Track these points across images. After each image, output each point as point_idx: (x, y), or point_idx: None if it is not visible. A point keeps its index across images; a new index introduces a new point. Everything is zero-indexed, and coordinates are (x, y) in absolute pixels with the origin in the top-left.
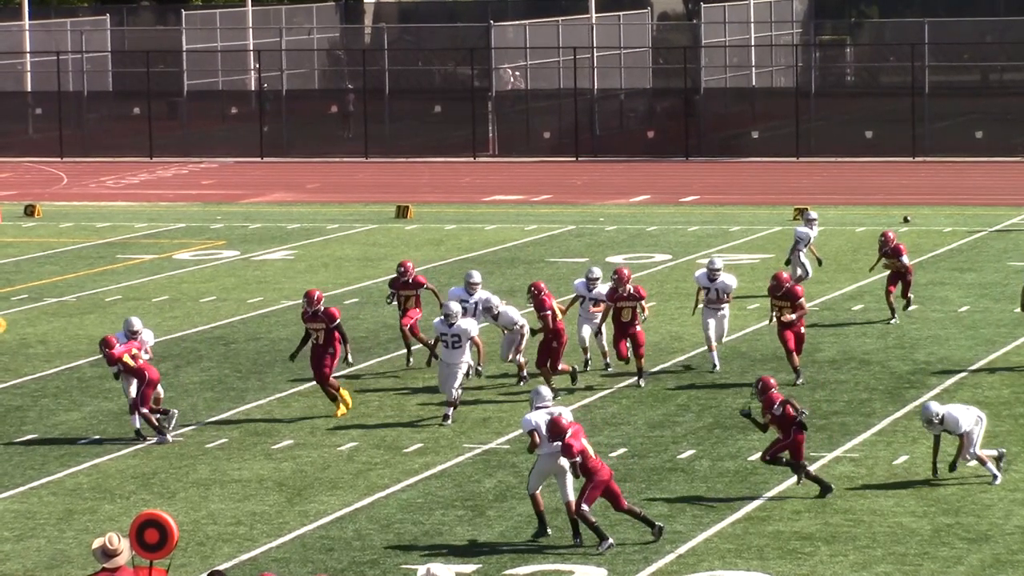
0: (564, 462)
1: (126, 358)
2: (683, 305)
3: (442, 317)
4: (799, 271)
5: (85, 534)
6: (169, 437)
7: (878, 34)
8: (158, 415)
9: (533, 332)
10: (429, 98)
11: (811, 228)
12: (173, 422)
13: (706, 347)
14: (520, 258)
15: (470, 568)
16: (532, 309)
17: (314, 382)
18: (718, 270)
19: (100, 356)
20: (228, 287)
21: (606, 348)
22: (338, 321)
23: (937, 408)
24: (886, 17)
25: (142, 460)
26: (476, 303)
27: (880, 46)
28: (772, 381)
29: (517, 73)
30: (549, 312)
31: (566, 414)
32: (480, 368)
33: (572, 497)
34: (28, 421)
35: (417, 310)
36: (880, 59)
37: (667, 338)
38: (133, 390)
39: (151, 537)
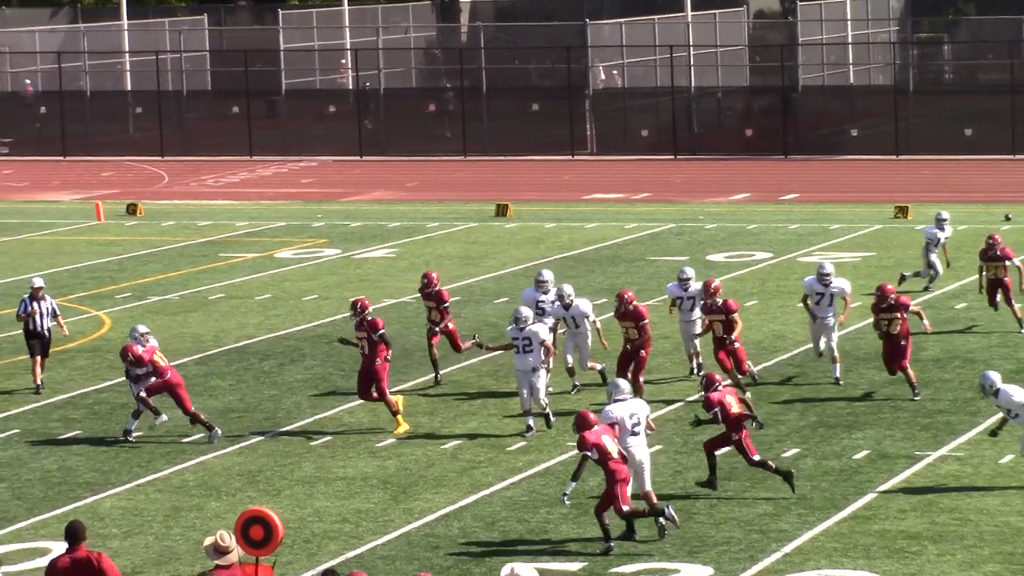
0: (645, 456)
1: (156, 356)
2: (785, 303)
3: (513, 322)
4: (930, 271)
5: (192, 531)
6: (164, 417)
7: (976, 31)
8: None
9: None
10: (526, 96)
11: (942, 229)
12: (158, 421)
13: (815, 355)
14: (620, 256)
15: (576, 566)
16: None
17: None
18: (828, 274)
19: (202, 355)
20: (330, 285)
21: (698, 349)
22: (381, 331)
23: (995, 380)
24: (984, 14)
25: (248, 457)
26: (553, 302)
27: (978, 43)
28: (717, 377)
29: (614, 72)
30: (647, 321)
31: (642, 408)
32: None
33: (650, 487)
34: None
35: (450, 324)
36: (978, 56)
37: (769, 336)
38: (141, 385)
39: (256, 533)
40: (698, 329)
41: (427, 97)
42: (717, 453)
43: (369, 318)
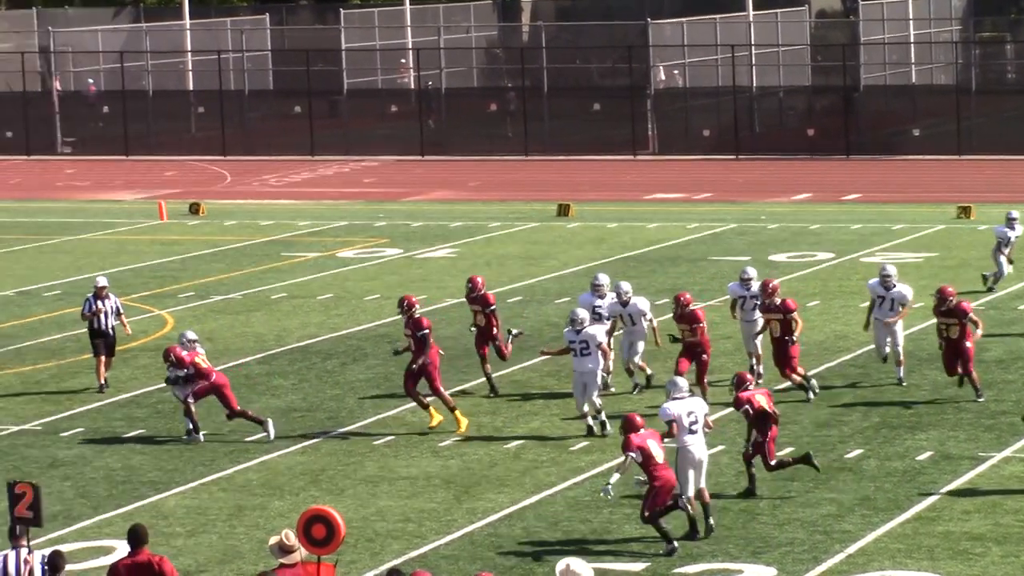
0: (703, 454)
1: (198, 359)
2: (847, 304)
3: (570, 324)
4: (997, 270)
5: (256, 530)
6: (200, 437)
7: None
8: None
9: (675, 339)
10: (588, 96)
11: (1012, 228)
12: (190, 438)
13: (879, 357)
14: (683, 256)
15: (639, 567)
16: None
17: (482, 379)
18: (889, 277)
19: (264, 354)
20: (392, 285)
21: (760, 351)
22: (423, 331)
23: None
24: None
25: (311, 457)
26: (607, 311)
27: None
28: (748, 377)
29: (675, 71)
30: (703, 324)
31: (699, 406)
32: (608, 375)
33: (704, 484)
34: (198, 418)
35: (495, 329)
36: None
37: (831, 337)
38: (188, 388)
39: (318, 532)
40: (759, 328)
41: (488, 97)
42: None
43: (415, 315)
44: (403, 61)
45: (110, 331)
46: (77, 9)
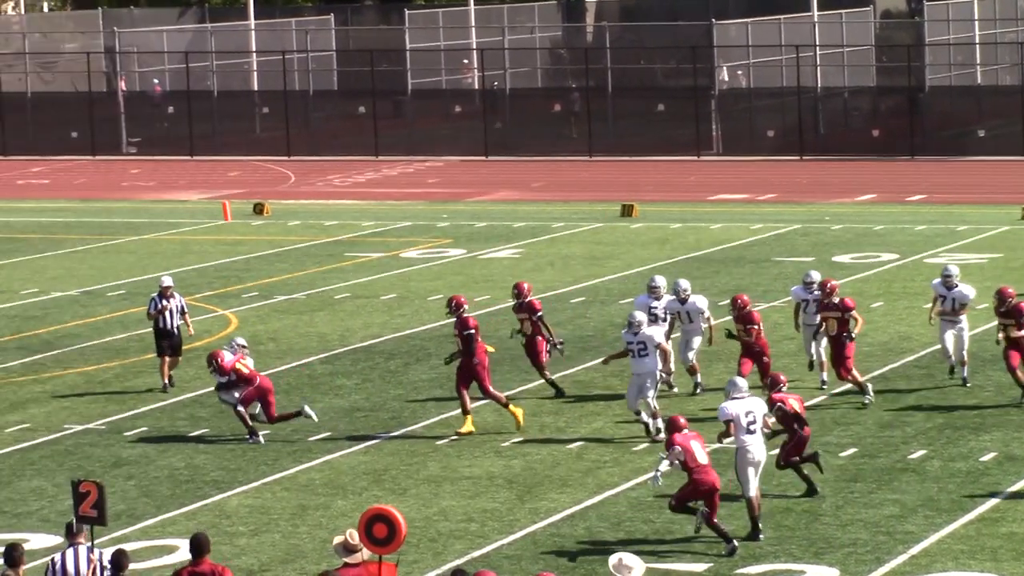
0: (762, 455)
1: (239, 365)
2: (911, 305)
3: (627, 327)
4: None
5: (318, 529)
6: (261, 438)
7: None
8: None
9: (730, 335)
10: (652, 96)
11: None
12: (252, 440)
13: (944, 359)
14: (746, 257)
15: (702, 567)
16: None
17: (538, 381)
18: (950, 276)
19: (328, 354)
20: (455, 285)
21: (823, 359)
22: (468, 331)
23: None
24: None
25: (373, 456)
26: (665, 308)
27: None
28: (782, 378)
29: (739, 72)
30: (758, 326)
31: (758, 406)
32: (669, 374)
33: (759, 490)
34: (260, 417)
35: (540, 338)
36: None
37: (895, 338)
38: (237, 394)
39: (379, 532)
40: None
41: (552, 97)
42: (799, 463)
43: (463, 315)
44: (465, 61)
45: (175, 331)
46: (142, 9)
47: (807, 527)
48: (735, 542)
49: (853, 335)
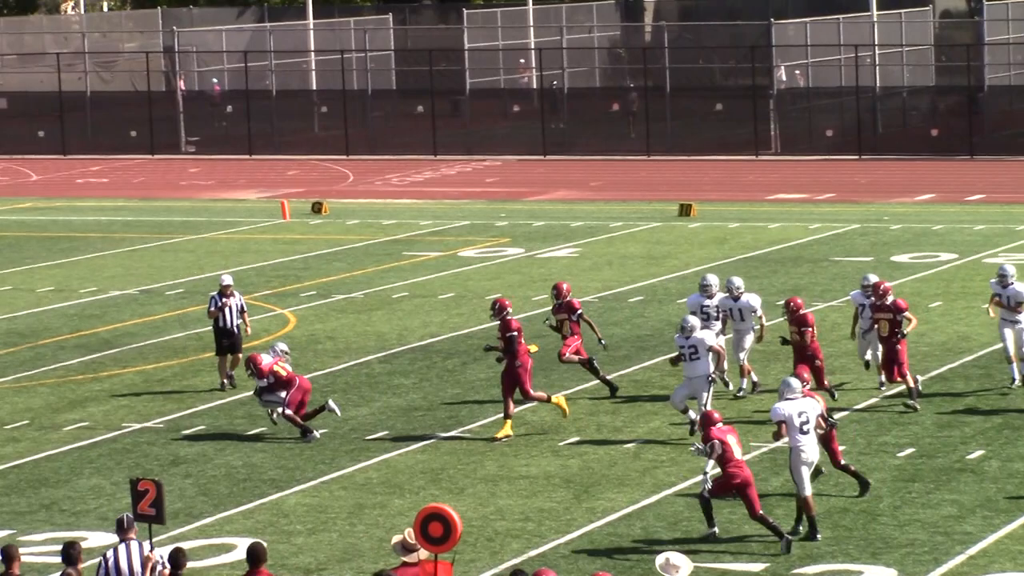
0: (815, 455)
1: (276, 368)
2: (970, 305)
3: (679, 331)
4: None
5: (376, 528)
6: (317, 434)
7: None
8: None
9: (785, 341)
10: (710, 96)
11: None
12: (310, 438)
13: (1005, 359)
14: (804, 257)
15: (759, 567)
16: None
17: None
18: (1005, 275)
19: (385, 353)
20: (513, 284)
21: (879, 361)
22: (510, 333)
23: None
24: None
25: (431, 456)
26: (716, 307)
27: None
28: (805, 376)
29: (797, 71)
30: (812, 329)
31: (812, 407)
32: (723, 374)
33: (810, 492)
34: (318, 416)
35: (575, 337)
36: None
37: (954, 338)
38: (283, 395)
39: (435, 530)
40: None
41: (611, 97)
42: (843, 462)
43: (507, 318)
44: (522, 61)
45: (235, 329)
46: (201, 9)
47: (865, 527)
48: (788, 536)
49: (905, 332)
